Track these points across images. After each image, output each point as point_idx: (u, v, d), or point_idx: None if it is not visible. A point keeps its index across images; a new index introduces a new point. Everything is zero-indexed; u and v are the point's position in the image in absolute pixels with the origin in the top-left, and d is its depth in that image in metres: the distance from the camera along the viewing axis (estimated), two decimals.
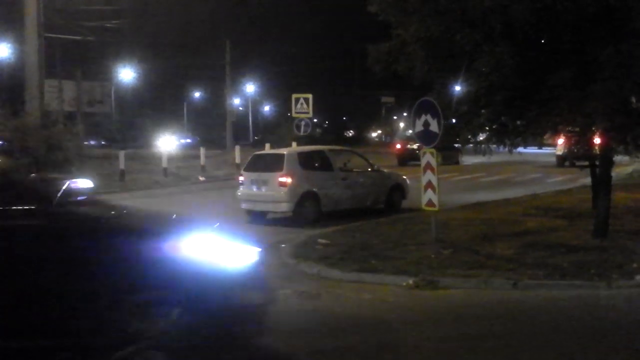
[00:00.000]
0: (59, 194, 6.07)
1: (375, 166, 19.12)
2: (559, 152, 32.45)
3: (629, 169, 24.57)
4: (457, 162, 38.43)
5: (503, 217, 15.40)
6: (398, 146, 41.17)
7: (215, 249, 6.17)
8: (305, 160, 17.25)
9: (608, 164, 12.36)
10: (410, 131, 21.78)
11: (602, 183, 12.46)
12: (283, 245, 13.24)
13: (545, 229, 13.73)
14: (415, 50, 12.36)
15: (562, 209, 16.40)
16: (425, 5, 11.86)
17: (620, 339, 7.15)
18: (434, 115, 12.31)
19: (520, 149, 13.28)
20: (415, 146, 32.15)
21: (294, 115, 28.28)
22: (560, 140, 18.25)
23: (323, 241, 13.26)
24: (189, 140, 68.40)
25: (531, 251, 11.34)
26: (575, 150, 12.49)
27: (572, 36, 11.15)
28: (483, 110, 12.77)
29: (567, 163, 30.46)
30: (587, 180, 16.58)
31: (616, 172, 13.69)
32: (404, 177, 19.35)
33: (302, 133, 28.09)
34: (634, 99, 11.85)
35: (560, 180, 27.05)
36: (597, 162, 13.23)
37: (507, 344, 7.07)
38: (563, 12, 10.81)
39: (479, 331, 7.63)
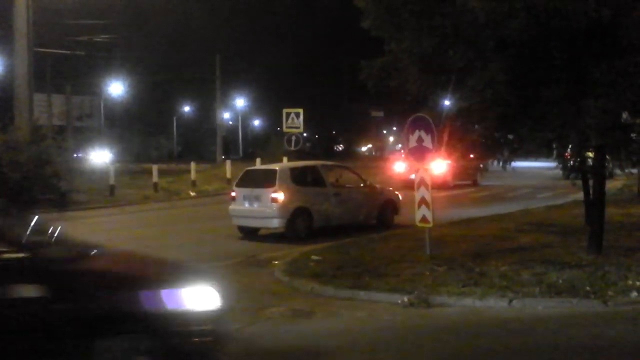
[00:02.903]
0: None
1: (368, 182, 19.06)
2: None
3: (619, 185, 24.59)
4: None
5: (496, 233, 15.35)
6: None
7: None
8: (298, 176, 17.18)
9: (602, 179, 12.33)
10: (400, 145, 21.72)
11: (595, 199, 12.43)
12: (276, 262, 13.14)
13: (538, 245, 13.67)
14: (408, 65, 12.33)
15: (554, 225, 16.37)
16: (418, 21, 11.83)
17: (617, 357, 7.08)
18: (428, 131, 12.29)
19: (514, 164, 13.24)
20: None
21: (285, 130, 28.21)
22: None
23: (316, 258, 13.15)
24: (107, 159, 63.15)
25: (525, 268, 11.26)
26: (569, 166, 12.46)
27: (565, 52, 11.15)
28: (476, 126, 12.75)
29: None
30: (578, 196, 16.57)
31: (607, 188, 13.69)
32: (397, 192, 19.29)
33: (292, 148, 28.02)
34: (626, 115, 11.84)
35: (551, 195, 27.06)
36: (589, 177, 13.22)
37: None
38: (556, 28, 10.80)
39: (475, 350, 7.55)
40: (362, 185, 18.74)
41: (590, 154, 12.32)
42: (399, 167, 31.39)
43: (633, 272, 10.65)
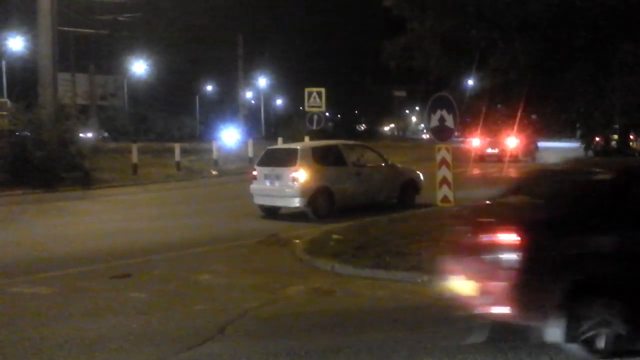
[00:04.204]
0: None
1: (389, 161, 19.02)
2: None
3: None
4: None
5: None
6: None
7: None
8: (319, 155, 17.17)
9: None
10: (423, 125, 21.73)
11: None
12: (297, 241, 13.19)
13: None
14: (430, 45, 12.29)
15: None
16: (441, 0, 11.78)
17: None
18: (450, 110, 12.23)
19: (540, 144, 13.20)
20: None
21: (306, 109, 28.13)
22: None
23: (337, 237, 13.19)
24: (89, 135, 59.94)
25: None
26: (593, 146, 12.39)
27: (590, 32, 11.04)
28: (499, 106, 12.70)
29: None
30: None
31: None
32: (418, 172, 19.24)
33: (315, 127, 27.97)
34: None
35: None
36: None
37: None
38: (580, 7, 10.70)
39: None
40: (383, 164, 18.70)
41: (615, 136, 12.25)
42: (475, 142, 37.53)
43: None
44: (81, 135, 28.01)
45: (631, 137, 12.73)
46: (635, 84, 10.34)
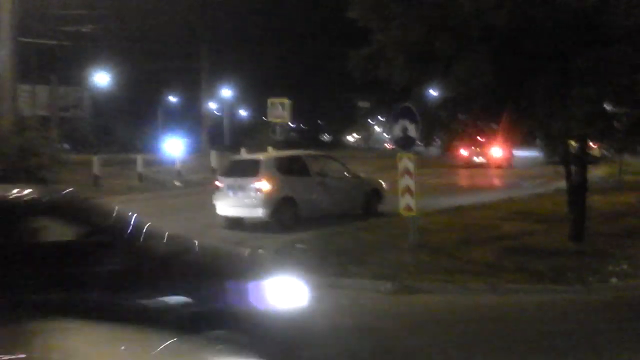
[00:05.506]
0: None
1: (352, 171, 19.10)
2: None
3: (603, 173, 24.74)
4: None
5: (481, 222, 15.44)
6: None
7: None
8: (283, 166, 17.18)
9: (583, 167, 12.42)
10: (388, 135, 21.87)
11: (578, 187, 12.53)
12: (260, 251, 13.13)
13: (522, 233, 13.78)
14: (395, 55, 12.33)
15: (538, 213, 16.47)
16: (406, 11, 11.84)
17: (599, 342, 7.16)
18: (412, 120, 12.33)
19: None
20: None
21: (270, 120, 28.17)
22: None
23: (301, 246, 13.20)
24: None
25: (509, 256, 11.37)
26: (552, 154, 12.53)
27: (551, 42, 11.17)
28: (460, 116, 12.80)
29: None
30: (562, 184, 16.70)
31: (591, 176, 13.86)
32: (381, 181, 19.35)
33: (278, 137, 28.00)
34: (610, 105, 11.91)
35: (535, 184, 27.20)
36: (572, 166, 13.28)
37: (486, 350, 7.06)
38: (542, 18, 10.84)
39: (458, 337, 7.61)
40: (346, 174, 18.77)
41: (573, 143, 12.40)
42: (463, 151, 39.43)
43: (614, 258, 10.78)
44: None
45: (592, 145, 12.89)
46: (594, 93, 10.50)
